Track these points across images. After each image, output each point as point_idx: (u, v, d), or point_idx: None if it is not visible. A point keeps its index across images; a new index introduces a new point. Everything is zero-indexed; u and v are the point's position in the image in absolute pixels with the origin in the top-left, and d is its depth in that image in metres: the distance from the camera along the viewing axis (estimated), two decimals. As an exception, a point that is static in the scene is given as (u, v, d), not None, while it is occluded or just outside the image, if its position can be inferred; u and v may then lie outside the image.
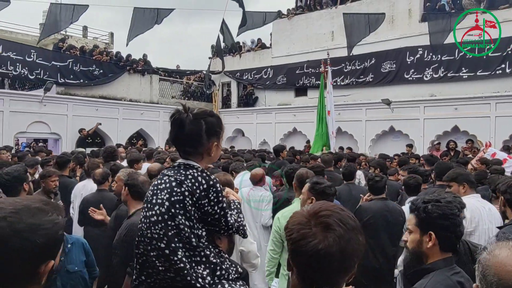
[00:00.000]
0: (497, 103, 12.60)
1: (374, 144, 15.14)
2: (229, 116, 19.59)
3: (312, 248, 1.15)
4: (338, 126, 15.66)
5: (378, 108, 14.74)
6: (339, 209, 1.25)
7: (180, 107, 2.06)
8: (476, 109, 12.88)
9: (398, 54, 14.65)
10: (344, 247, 1.16)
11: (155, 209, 1.97)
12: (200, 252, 1.96)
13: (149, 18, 12.02)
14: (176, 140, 2.08)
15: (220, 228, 2.05)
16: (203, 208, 1.97)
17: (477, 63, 13.01)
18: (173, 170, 2.07)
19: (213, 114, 2.10)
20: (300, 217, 1.23)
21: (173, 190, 1.97)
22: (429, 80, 14.04)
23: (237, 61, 19.81)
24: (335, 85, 16.02)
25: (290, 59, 17.55)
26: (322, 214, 1.20)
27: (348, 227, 1.18)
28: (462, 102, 13.16)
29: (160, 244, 1.92)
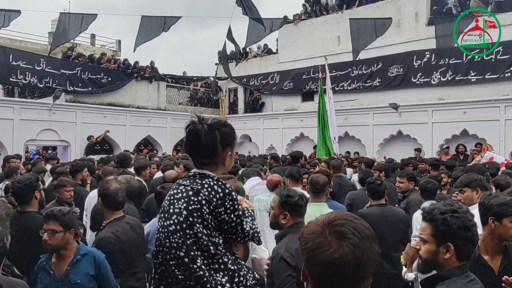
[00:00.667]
0: (506, 106, 12.49)
1: (382, 148, 15.05)
2: (236, 121, 19.53)
3: (327, 257, 1.14)
4: (345, 131, 15.76)
5: (385, 113, 14.69)
6: (354, 217, 1.23)
7: (195, 118, 2.08)
8: (485, 113, 12.78)
9: (405, 58, 14.61)
10: (360, 256, 1.14)
11: (173, 218, 2.00)
12: (219, 260, 1.99)
13: (156, 26, 12.08)
14: (192, 151, 2.10)
15: (237, 235, 2.08)
16: (220, 216, 2.00)
17: (485, 66, 12.93)
18: (189, 179, 2.09)
19: (227, 124, 2.12)
20: (315, 226, 1.22)
21: (190, 199, 2.00)
22: (436, 84, 13.97)
23: (244, 67, 19.84)
24: (341, 89, 16.15)
25: (297, 64, 17.56)
26: (337, 223, 1.19)
27: (363, 235, 1.17)
28: (471, 106, 13.06)
29: (179, 253, 1.95)
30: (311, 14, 17.86)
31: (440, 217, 2.00)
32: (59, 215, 2.82)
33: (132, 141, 16.25)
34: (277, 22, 14.50)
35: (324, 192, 4.05)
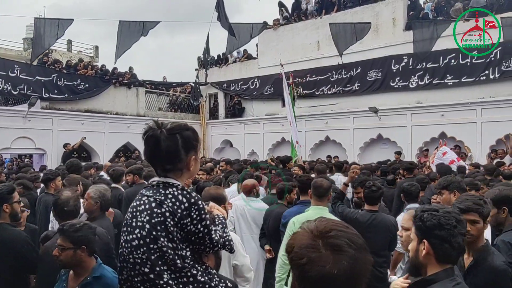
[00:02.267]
0: (483, 108, 12.74)
1: (363, 152, 15.15)
2: (216, 127, 19.54)
3: (326, 273, 1.08)
4: (326, 135, 15.86)
5: (365, 116, 14.79)
6: (345, 226, 1.18)
7: (152, 123, 1.98)
8: (462, 115, 13.02)
9: (383, 63, 14.78)
10: (358, 269, 1.10)
11: (136, 232, 1.90)
12: (187, 273, 1.90)
13: (135, 30, 11.91)
14: (153, 158, 1.99)
15: (205, 246, 1.98)
16: (186, 227, 1.90)
17: (462, 70, 13.18)
18: (152, 189, 1.98)
19: (188, 127, 2.02)
20: (306, 239, 1.14)
21: (153, 212, 1.89)
22: (415, 88, 14.18)
23: (224, 72, 19.79)
24: (322, 94, 16.31)
25: (277, 69, 17.41)
26: (331, 235, 1.13)
27: (358, 246, 1.13)
28: (448, 109, 13.28)
29: (144, 269, 1.86)
30: (290, 19, 17.91)
31: (419, 213, 2.01)
32: (69, 231, 2.60)
33: (110, 148, 15.93)
34: (257, 27, 14.52)
35: (327, 196, 4.03)
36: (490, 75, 12.73)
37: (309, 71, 16.58)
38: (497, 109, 12.44)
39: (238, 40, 13.29)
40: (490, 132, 12.48)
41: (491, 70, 12.71)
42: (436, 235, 1.93)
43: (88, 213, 3.80)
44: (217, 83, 19.75)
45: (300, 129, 16.13)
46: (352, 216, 4.36)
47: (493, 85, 12.72)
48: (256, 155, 17.15)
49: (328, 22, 14.27)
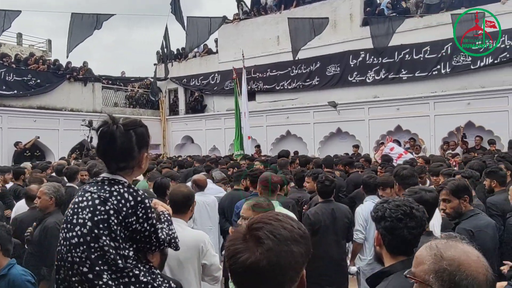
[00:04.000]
0: (435, 102, 13.22)
1: (323, 146, 15.34)
2: (177, 123, 19.27)
3: (241, 264, 1.10)
4: (287, 130, 15.96)
5: (325, 111, 14.99)
6: (275, 219, 1.18)
7: (107, 118, 1.91)
8: (416, 109, 13.44)
9: (341, 58, 14.98)
10: (275, 261, 1.10)
11: (76, 230, 1.83)
12: (129, 273, 1.84)
13: (88, 23, 11.40)
14: (107, 155, 1.92)
15: (151, 244, 1.94)
16: (131, 226, 1.85)
17: (415, 65, 13.58)
18: (96, 185, 1.91)
19: (142, 123, 1.98)
20: (238, 233, 1.18)
21: (96, 209, 1.83)
22: (371, 82, 14.49)
23: (184, 67, 19.44)
24: (282, 89, 16.36)
25: (237, 64, 17.41)
26: (254, 227, 1.15)
27: (280, 238, 1.12)
28: (403, 103, 13.67)
29: (83, 268, 1.78)
30: (250, 14, 17.84)
31: (375, 205, 2.12)
32: None
33: (66, 146, 15.28)
34: (216, 22, 14.33)
35: (277, 190, 4.13)
36: (442, 70, 13.19)
37: (269, 66, 16.58)
38: (448, 103, 12.94)
39: (197, 35, 13.04)
40: (442, 124, 12.97)
41: (443, 65, 13.16)
42: (382, 227, 2.00)
43: (43, 209, 3.79)
44: (177, 78, 19.42)
45: (261, 124, 16.35)
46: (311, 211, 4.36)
47: (444, 79, 13.19)
48: (218, 151, 17.02)
49: (287, 17, 14.29)
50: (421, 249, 1.37)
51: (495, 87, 12.24)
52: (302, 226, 1.20)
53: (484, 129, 12.41)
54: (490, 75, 12.36)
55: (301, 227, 1.19)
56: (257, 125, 16.10)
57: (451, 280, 1.23)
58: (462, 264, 1.24)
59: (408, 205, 2.02)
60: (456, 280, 1.22)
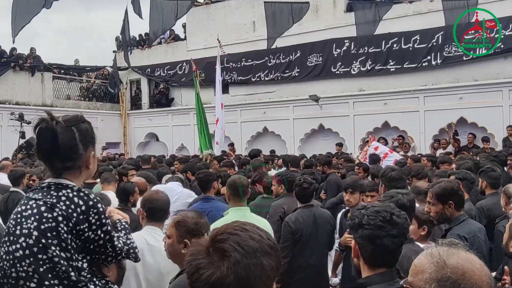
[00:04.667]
0: (425, 96, 13.48)
1: (304, 144, 15.47)
2: (139, 118, 19.11)
3: (205, 281, 1.11)
4: (264, 126, 16.03)
5: (306, 105, 15.10)
6: (243, 229, 1.19)
7: (45, 114, 1.90)
8: (405, 104, 13.69)
9: (324, 47, 15.09)
10: (244, 275, 1.11)
11: (20, 241, 1.79)
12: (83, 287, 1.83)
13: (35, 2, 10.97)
14: (49, 154, 1.90)
15: (107, 255, 1.93)
16: (84, 234, 1.84)
17: (404, 55, 13.81)
18: (42, 192, 1.88)
19: (84, 119, 1.98)
20: (199, 246, 1.19)
21: (43, 216, 1.80)
22: (356, 74, 14.65)
23: (147, 55, 19.19)
24: (258, 81, 16.40)
25: (208, 52, 17.18)
26: (219, 239, 1.16)
27: (248, 249, 1.13)
28: (391, 97, 13.90)
29: (30, 284, 1.75)
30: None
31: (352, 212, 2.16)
32: None
33: (9, 145, 14.80)
34: (184, 4, 14.10)
35: (247, 194, 4.07)
36: (432, 61, 13.45)
37: (244, 54, 16.58)
38: (439, 97, 13.22)
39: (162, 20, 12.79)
40: (433, 121, 13.24)
41: (433, 55, 13.41)
42: (360, 235, 1.98)
43: None
44: (139, 67, 19.16)
45: (235, 119, 16.34)
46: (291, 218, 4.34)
47: (435, 71, 13.47)
48: (186, 150, 16.90)
49: (263, 1, 14.25)
50: (419, 257, 1.38)
51: (488, 80, 12.58)
52: (271, 237, 1.21)
53: (477, 126, 12.75)
54: (484, 67, 12.68)
55: (271, 238, 1.20)
56: (230, 120, 16.03)
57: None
58: (467, 272, 1.27)
59: (389, 211, 2.00)
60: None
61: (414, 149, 13.01)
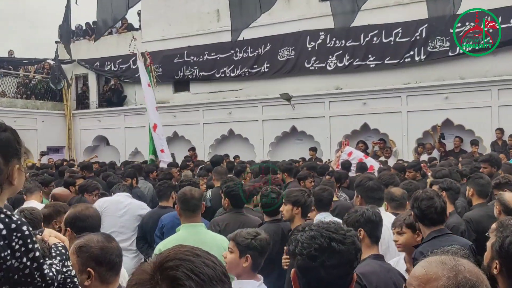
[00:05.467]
0: (408, 96, 13.78)
1: (274, 148, 15.63)
2: (87, 119, 18.94)
3: None
4: (230, 128, 16.09)
5: (277, 105, 15.21)
6: (195, 254, 1.19)
7: None
8: (386, 104, 13.98)
9: (297, 39, 15.22)
10: None
11: None
12: None
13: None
14: None
15: (35, 286, 1.85)
16: (5, 263, 1.76)
17: (384, 50, 14.07)
18: None
19: (6, 127, 1.90)
20: (142, 273, 1.15)
21: None
22: (333, 70, 14.82)
23: (96, 47, 18.76)
24: (223, 77, 16.44)
25: (166, 44, 17.29)
26: (169, 266, 1.13)
27: (204, 278, 1.13)
28: (371, 96, 14.17)
29: None
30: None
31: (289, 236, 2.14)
32: None
33: None
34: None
35: (200, 209, 4.07)
36: (416, 57, 13.73)
37: (207, 47, 16.59)
38: (423, 97, 13.55)
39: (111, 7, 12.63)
40: (417, 123, 13.56)
41: (416, 51, 13.70)
42: (296, 265, 1.94)
43: None
44: (86, 61, 19.02)
45: (197, 120, 16.42)
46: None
47: (419, 68, 13.77)
48: (141, 155, 16.69)
49: (228, -13, 14.30)
50: (427, 266, 1.49)
51: (476, 78, 12.93)
52: (222, 263, 1.22)
53: (464, 128, 13.13)
54: (471, 64, 13.00)
55: (222, 264, 1.21)
56: (191, 122, 16.16)
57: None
58: (479, 275, 1.44)
59: (327, 236, 1.90)
60: None
61: (396, 154, 13.38)
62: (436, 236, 3.31)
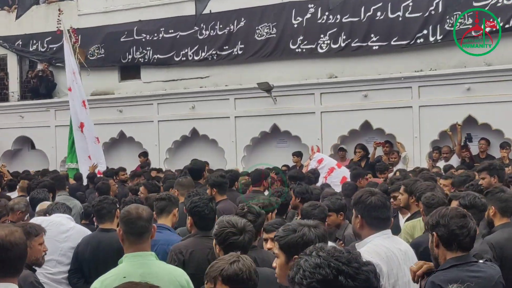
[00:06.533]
0: (421, 86, 13.49)
1: (250, 154, 15.49)
2: (5, 115, 18.53)
3: None
4: (193, 127, 15.97)
5: (253, 98, 15.03)
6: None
7: None
8: (393, 96, 13.76)
9: (279, 13, 14.95)
10: None
11: None
12: None
13: None
14: None
15: None
16: None
17: (391, 28, 13.80)
18: None
19: None
20: None
21: None
22: (325, 53, 14.52)
23: (18, 22, 18.27)
24: (184, 60, 16.20)
25: (111, 18, 17.25)
26: None
27: None
28: (374, 86, 13.90)
29: None
30: None
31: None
32: None
33: None
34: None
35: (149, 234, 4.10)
36: (430, 37, 13.46)
37: (163, 22, 16.48)
38: (440, 87, 13.31)
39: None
40: (432, 121, 13.30)
41: (431, 29, 13.41)
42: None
43: None
44: (4, 38, 18.73)
45: (150, 117, 16.45)
46: None
47: (434, 51, 13.51)
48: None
49: None
50: None
51: (506, 64, 12.69)
52: None
53: (490, 128, 12.94)
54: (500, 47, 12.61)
55: None
56: (142, 119, 16.20)
57: None
58: None
59: (335, 267, 1.91)
60: None
61: (405, 161, 13.12)
62: (456, 264, 3.40)
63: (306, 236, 2.98)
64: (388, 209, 4.30)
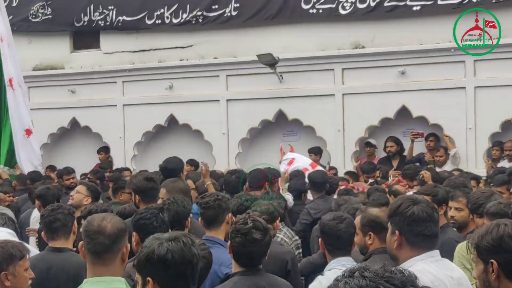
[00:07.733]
0: (477, 60, 13.18)
1: (247, 149, 15.54)
2: None
3: None
4: (170, 114, 16.11)
5: (252, 75, 14.90)
6: None
7: None
8: (440, 74, 13.62)
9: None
10: None
11: None
12: None
13: None
14: None
15: None
16: None
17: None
18: None
19: None
20: None
21: None
22: (347, 16, 14.41)
23: None
24: (159, 24, 16.08)
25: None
26: None
27: None
28: (413, 60, 13.78)
29: None
30: None
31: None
32: None
33: None
34: None
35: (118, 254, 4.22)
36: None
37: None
38: (503, 62, 13.10)
39: None
40: (491, 108, 13.17)
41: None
42: None
43: None
44: None
45: (114, 100, 16.57)
46: None
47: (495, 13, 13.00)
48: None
49: None
50: None
51: None
52: None
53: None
54: None
55: None
56: (103, 103, 16.29)
57: None
58: None
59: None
60: None
61: (456, 159, 13.13)
62: None
63: None
64: (436, 223, 4.28)
